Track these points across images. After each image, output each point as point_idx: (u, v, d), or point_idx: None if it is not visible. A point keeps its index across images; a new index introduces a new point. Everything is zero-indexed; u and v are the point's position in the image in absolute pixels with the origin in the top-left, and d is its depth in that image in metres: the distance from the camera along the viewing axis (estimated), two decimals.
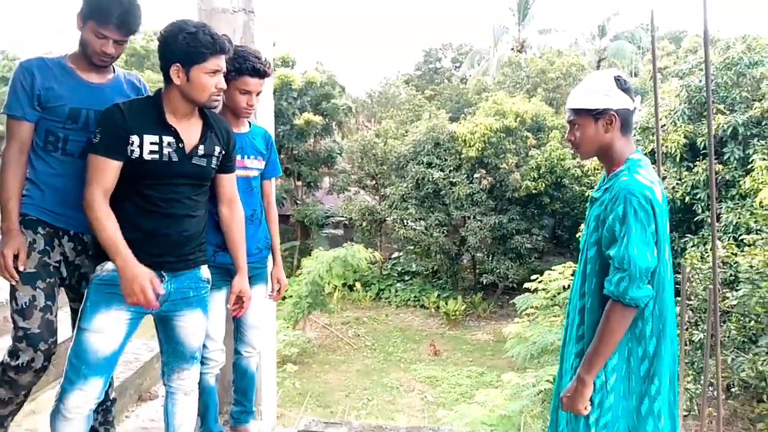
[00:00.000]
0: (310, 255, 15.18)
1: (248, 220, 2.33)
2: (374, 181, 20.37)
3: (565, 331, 1.98)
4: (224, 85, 1.94)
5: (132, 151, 1.86)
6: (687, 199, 9.92)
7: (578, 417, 1.85)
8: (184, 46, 1.83)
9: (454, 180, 17.10)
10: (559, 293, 8.54)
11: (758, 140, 9.36)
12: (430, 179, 17.13)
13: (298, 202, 21.59)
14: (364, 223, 19.54)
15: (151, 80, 19.22)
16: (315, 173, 21.28)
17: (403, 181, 17.92)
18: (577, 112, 1.83)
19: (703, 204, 9.77)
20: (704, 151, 10.09)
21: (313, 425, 3.10)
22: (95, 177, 1.85)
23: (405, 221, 17.98)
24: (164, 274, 1.96)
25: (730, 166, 9.64)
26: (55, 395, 1.96)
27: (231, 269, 2.28)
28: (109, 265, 1.90)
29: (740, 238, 7.54)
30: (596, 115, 1.80)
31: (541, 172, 16.10)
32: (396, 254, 20.47)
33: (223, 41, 1.88)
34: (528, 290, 9.53)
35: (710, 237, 8.59)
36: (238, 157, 2.28)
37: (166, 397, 2.20)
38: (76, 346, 1.90)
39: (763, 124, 9.50)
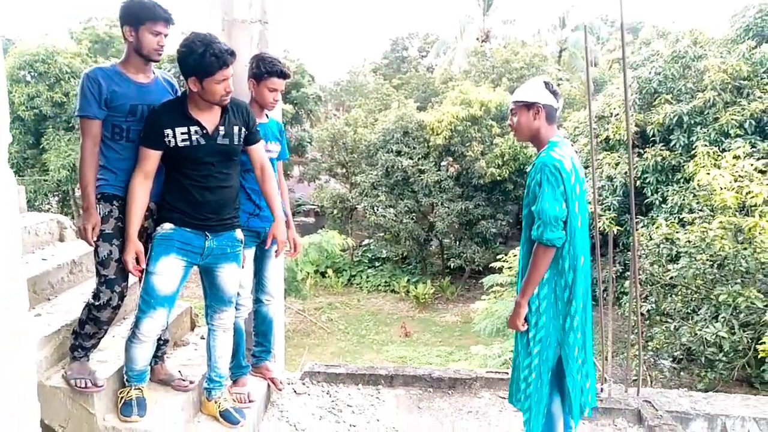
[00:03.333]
0: None
1: None
2: (345, 170, 20.72)
3: (518, 275, 2.62)
4: (231, 89, 2.41)
5: (169, 141, 2.41)
6: (638, 183, 10.67)
7: (521, 335, 2.49)
8: (195, 65, 2.33)
9: (423, 167, 17.60)
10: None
11: (701, 128, 10.15)
12: (400, 167, 17.60)
13: None
14: (335, 211, 19.91)
15: None
16: (285, 162, 21.43)
17: (373, 169, 18.33)
18: (516, 103, 2.50)
19: (651, 187, 10.53)
20: (653, 139, 10.86)
21: (316, 367, 3.62)
22: (140, 163, 2.45)
23: (375, 208, 18.42)
24: (207, 234, 2.51)
25: (676, 153, 10.42)
26: (126, 329, 2.55)
27: (261, 232, 2.88)
28: (167, 225, 2.47)
29: (683, 218, 8.28)
30: (528, 106, 2.43)
31: (505, 159, 16.71)
32: (367, 241, 20.93)
33: (226, 57, 2.32)
34: (494, 271, 10.14)
35: (657, 218, 9.30)
36: (262, 142, 2.77)
37: (209, 334, 2.76)
38: (146, 285, 2.46)
39: (705, 113, 10.28)
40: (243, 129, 2.55)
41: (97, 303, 2.49)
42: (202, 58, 2.29)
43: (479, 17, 28.63)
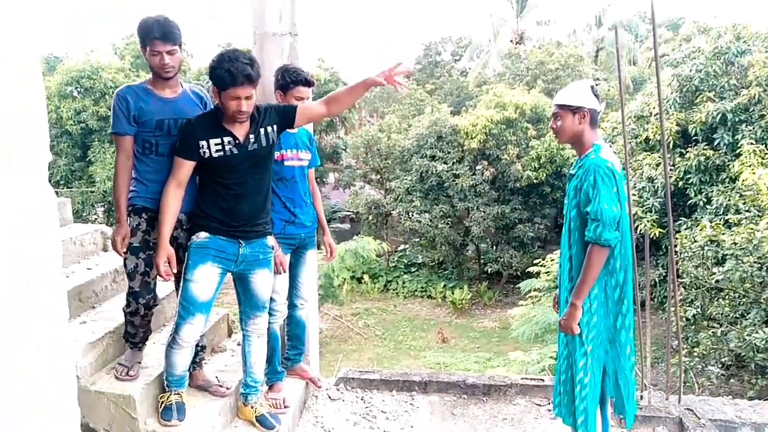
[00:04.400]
0: (319, 249, 15.63)
1: (302, 200, 2.96)
2: (379, 175, 20.80)
3: (559, 278, 2.66)
4: (245, 109, 2.42)
5: (204, 152, 2.48)
6: (680, 183, 10.35)
7: (573, 338, 2.49)
8: (213, 77, 2.42)
9: (457, 172, 17.50)
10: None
11: (746, 126, 9.78)
12: (434, 172, 17.54)
13: None
14: (370, 217, 19.99)
15: None
16: (321, 169, 21.74)
17: (407, 175, 18.33)
18: (561, 106, 2.48)
19: (695, 188, 10.20)
20: (695, 138, 10.53)
21: (350, 373, 3.66)
22: (174, 172, 2.53)
23: (410, 214, 18.42)
24: (241, 241, 2.58)
25: (720, 152, 10.07)
26: (167, 335, 2.65)
27: (297, 239, 2.98)
28: (202, 234, 2.55)
29: (728, 219, 7.99)
30: (574, 110, 2.44)
31: (541, 162, 16.48)
32: (402, 246, 20.93)
33: (238, 76, 2.34)
34: (531, 275, 9.99)
35: (701, 219, 9.00)
36: (294, 151, 2.88)
37: (243, 340, 2.83)
38: (184, 292, 2.55)
39: (750, 110, 9.92)
40: (272, 127, 2.59)
41: (127, 311, 2.70)
42: (216, 72, 2.38)
43: (512, 19, 28.37)
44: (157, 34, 2.47)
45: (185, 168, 2.51)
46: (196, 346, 2.77)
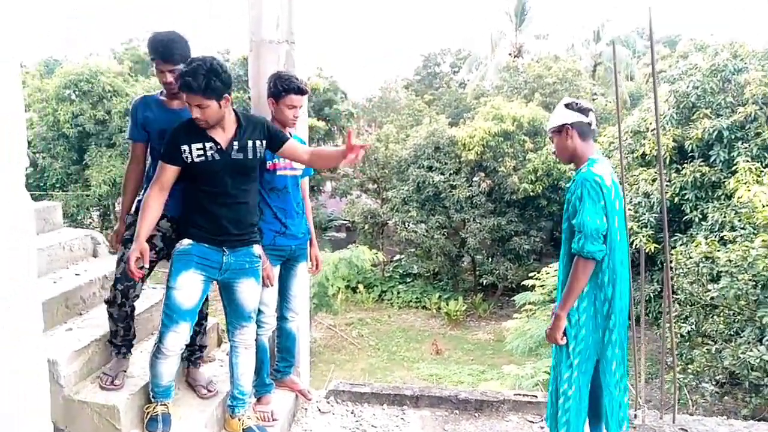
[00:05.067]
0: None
1: (295, 211, 2.91)
2: (376, 185, 20.80)
3: (557, 290, 2.63)
4: (198, 116, 2.39)
5: (186, 157, 2.47)
6: (676, 199, 10.37)
7: (560, 349, 2.51)
8: None
9: (454, 183, 17.53)
10: (555, 289, 8.98)
11: (742, 143, 9.82)
12: (431, 182, 17.56)
13: None
14: (366, 226, 19.96)
15: (158, 87, 19.68)
16: (318, 177, 21.72)
17: (404, 185, 18.34)
18: (550, 131, 2.61)
19: (690, 204, 10.21)
20: (692, 154, 10.56)
21: (341, 386, 3.60)
22: (157, 176, 2.52)
23: (406, 224, 18.39)
24: (225, 249, 2.55)
25: (716, 168, 10.09)
26: (152, 345, 2.60)
27: (287, 251, 2.92)
28: (185, 241, 2.52)
29: (723, 236, 7.99)
30: (558, 130, 2.55)
31: (538, 175, 16.52)
32: (398, 256, 20.88)
33: (183, 81, 2.33)
34: (526, 288, 9.96)
35: (697, 235, 9.00)
36: (287, 161, 2.82)
37: (231, 351, 2.78)
38: (167, 300, 2.51)
39: (746, 128, 9.96)
40: (261, 142, 2.57)
41: (105, 299, 2.71)
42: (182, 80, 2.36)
43: (511, 32, 28.55)
44: (158, 54, 2.56)
45: (168, 173, 2.49)
46: (194, 345, 2.78)
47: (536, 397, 3.64)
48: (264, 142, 2.58)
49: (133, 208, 2.72)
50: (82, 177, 20.55)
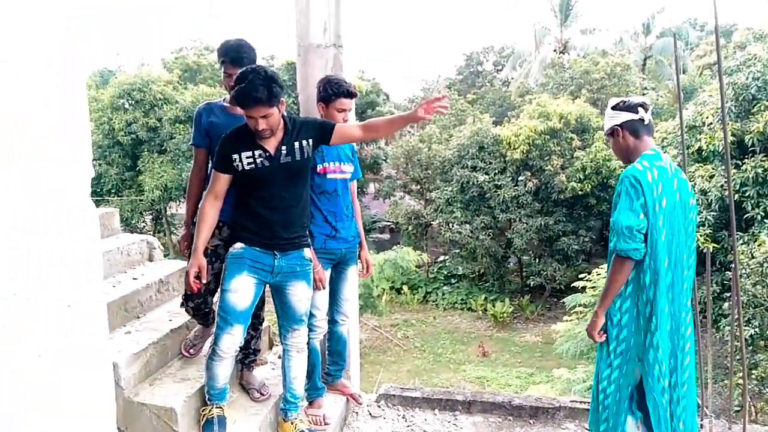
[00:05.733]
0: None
1: (344, 214, 2.92)
2: (419, 186, 20.72)
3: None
4: (261, 127, 2.38)
5: (237, 165, 2.50)
6: (736, 197, 9.88)
7: (601, 347, 2.46)
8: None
9: (499, 183, 17.28)
10: None
11: None
12: (475, 183, 17.36)
13: None
14: (410, 227, 19.90)
15: (206, 94, 20.06)
16: (361, 179, 21.71)
17: (448, 185, 18.20)
18: (605, 136, 2.58)
19: (752, 201, 9.72)
20: (753, 148, 10.05)
21: (391, 390, 3.58)
22: (211, 185, 2.57)
23: (451, 225, 18.24)
24: (276, 252, 2.57)
25: None
26: (208, 347, 2.68)
27: (337, 254, 2.93)
28: (238, 244, 2.56)
29: None
30: (611, 133, 2.51)
31: (586, 173, 16.11)
32: (442, 257, 20.74)
33: (246, 99, 2.33)
34: (576, 290, 9.70)
35: (759, 234, 8.56)
36: (337, 164, 2.85)
37: (283, 355, 2.80)
38: (222, 302, 2.55)
39: None
40: (308, 141, 2.56)
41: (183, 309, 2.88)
42: (235, 91, 2.40)
43: (556, 28, 27.95)
44: (228, 57, 2.65)
45: (221, 181, 2.53)
46: (248, 349, 2.82)
47: None
48: (311, 140, 2.56)
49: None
50: (136, 182, 21.32)
